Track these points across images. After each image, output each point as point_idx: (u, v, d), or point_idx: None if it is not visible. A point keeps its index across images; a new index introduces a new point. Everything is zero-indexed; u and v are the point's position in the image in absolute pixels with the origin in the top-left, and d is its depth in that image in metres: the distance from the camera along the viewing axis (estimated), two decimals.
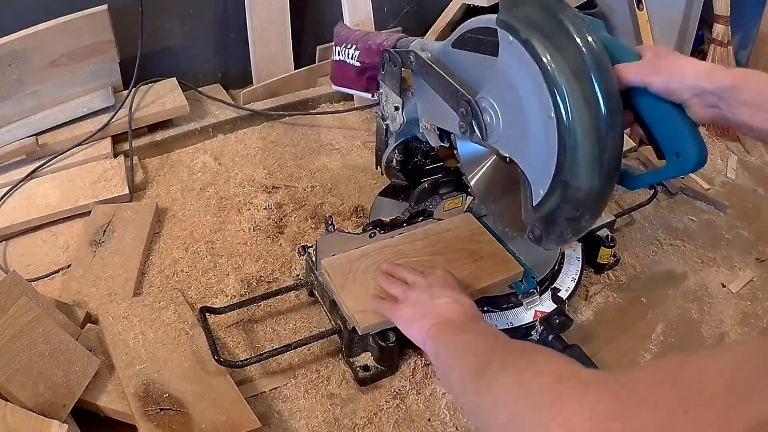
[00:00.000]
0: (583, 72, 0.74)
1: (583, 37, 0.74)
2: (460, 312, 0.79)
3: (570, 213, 0.81)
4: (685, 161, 0.77)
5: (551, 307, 1.01)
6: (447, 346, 0.72)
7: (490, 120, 0.87)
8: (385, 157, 1.17)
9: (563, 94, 0.74)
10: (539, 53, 0.75)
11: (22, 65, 1.29)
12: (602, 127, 0.75)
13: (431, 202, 1.11)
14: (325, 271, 1.00)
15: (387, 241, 1.05)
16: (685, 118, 0.77)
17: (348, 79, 1.20)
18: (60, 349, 0.86)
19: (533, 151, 0.83)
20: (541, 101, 0.77)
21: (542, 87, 0.76)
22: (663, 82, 0.74)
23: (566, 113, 0.75)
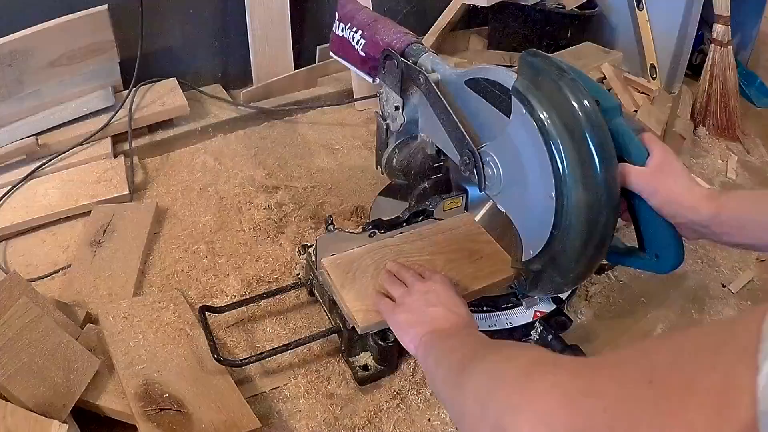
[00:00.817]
0: (590, 165, 0.76)
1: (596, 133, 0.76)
2: (453, 321, 0.81)
3: (554, 278, 0.87)
4: (662, 264, 0.86)
5: (551, 307, 1.01)
6: (434, 353, 0.73)
7: (491, 174, 0.89)
8: (385, 156, 1.16)
9: (567, 180, 0.77)
10: (550, 137, 0.77)
11: (22, 65, 1.29)
12: (600, 218, 0.79)
13: (431, 201, 1.11)
14: (325, 270, 1.00)
15: (387, 240, 1.05)
16: (673, 232, 0.82)
17: (349, 56, 1.17)
18: (60, 349, 0.86)
19: (529, 218, 0.86)
20: (543, 179, 0.80)
21: (547, 167, 0.78)
22: (658, 203, 0.80)
23: (567, 199, 0.78)
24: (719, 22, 1.61)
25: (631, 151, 0.81)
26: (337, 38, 1.18)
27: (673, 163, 0.81)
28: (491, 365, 0.56)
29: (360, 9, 1.16)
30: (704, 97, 1.66)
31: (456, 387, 0.60)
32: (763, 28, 1.88)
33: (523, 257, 0.88)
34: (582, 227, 0.79)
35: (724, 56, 1.63)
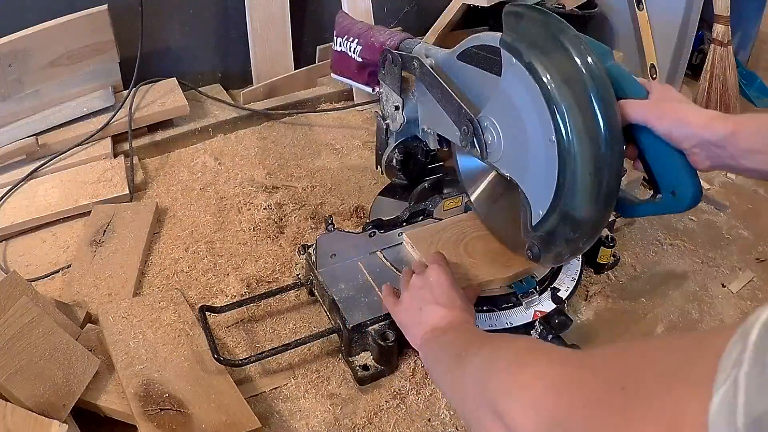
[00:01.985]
0: (586, 99, 0.74)
1: (587, 65, 0.75)
2: (448, 317, 0.81)
3: (568, 234, 0.83)
4: (680, 200, 0.80)
5: (551, 307, 1.01)
6: (434, 350, 0.75)
7: (492, 139, 0.88)
8: (385, 156, 1.17)
9: (564, 118, 0.75)
10: (541, 77, 0.76)
11: (22, 65, 1.29)
12: (602, 154, 0.76)
13: (431, 201, 1.11)
14: (408, 243, 1.06)
15: (463, 215, 1.12)
16: (685, 162, 0.78)
17: (348, 71, 1.19)
18: (60, 349, 0.86)
19: (533, 173, 0.84)
20: (542, 124, 0.78)
21: (544, 110, 0.77)
22: (666, 128, 0.76)
23: (567, 137, 0.76)
24: (719, 22, 1.61)
25: (630, 89, 0.78)
26: (336, 55, 1.20)
27: (675, 92, 0.78)
28: (487, 354, 0.58)
29: (355, 22, 1.19)
30: (704, 97, 1.66)
31: (455, 377, 0.62)
32: (763, 28, 1.88)
33: (533, 220, 0.85)
34: (588, 168, 0.76)
35: (724, 56, 1.63)
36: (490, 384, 0.53)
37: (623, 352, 0.46)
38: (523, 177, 0.86)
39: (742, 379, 0.32)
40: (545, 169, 0.80)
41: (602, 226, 0.84)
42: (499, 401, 0.50)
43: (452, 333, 0.76)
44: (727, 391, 0.32)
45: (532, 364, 0.50)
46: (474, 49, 0.88)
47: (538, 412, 0.46)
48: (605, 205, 0.80)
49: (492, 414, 0.51)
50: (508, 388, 0.50)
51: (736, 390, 0.32)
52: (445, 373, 0.68)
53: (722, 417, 0.32)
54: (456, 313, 0.82)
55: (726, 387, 0.33)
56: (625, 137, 0.78)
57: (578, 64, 0.75)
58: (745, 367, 0.32)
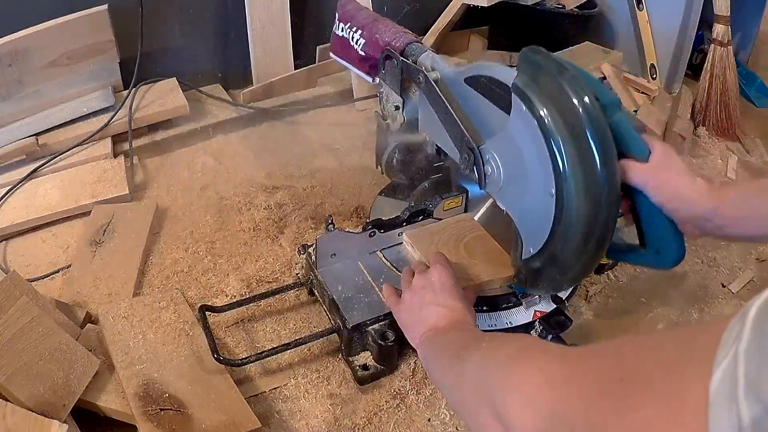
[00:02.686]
0: (591, 161, 0.76)
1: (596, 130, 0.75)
2: (448, 317, 0.82)
3: (553, 275, 0.87)
4: (663, 259, 0.85)
5: (550, 307, 1.01)
6: (433, 350, 0.76)
7: (491, 172, 0.89)
8: (385, 156, 1.16)
9: (567, 177, 0.76)
10: (550, 133, 0.77)
11: (22, 65, 1.29)
12: (600, 214, 0.78)
13: (431, 201, 1.11)
14: (408, 243, 1.06)
15: (462, 215, 1.11)
16: (674, 227, 0.82)
17: (349, 57, 1.18)
18: (60, 349, 0.86)
19: (528, 215, 0.86)
20: (544, 176, 0.79)
21: (547, 164, 0.78)
22: (661, 199, 0.80)
23: (568, 196, 0.78)
24: (719, 22, 1.61)
25: (632, 147, 0.80)
26: (337, 38, 1.18)
27: (675, 159, 0.81)
28: (484, 353, 0.58)
29: (360, 9, 1.16)
30: (704, 97, 1.66)
31: (454, 376, 0.63)
32: (763, 28, 1.88)
33: (523, 255, 0.88)
34: (582, 225, 0.78)
35: (724, 56, 1.63)
36: (488, 382, 0.54)
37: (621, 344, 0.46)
38: (518, 216, 0.89)
39: (742, 353, 0.33)
40: (541, 215, 0.82)
41: (588, 273, 0.89)
42: (498, 398, 0.50)
43: (451, 333, 0.77)
44: (727, 365, 0.33)
45: (530, 361, 0.50)
46: (483, 79, 0.88)
47: (537, 407, 0.46)
48: (593, 255, 0.83)
49: (491, 412, 0.51)
50: (506, 384, 0.50)
51: (737, 364, 0.33)
52: (443, 372, 0.69)
53: (724, 390, 0.33)
54: (456, 314, 0.83)
55: (726, 362, 0.33)
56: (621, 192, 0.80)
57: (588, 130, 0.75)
58: (744, 342, 0.33)
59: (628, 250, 0.90)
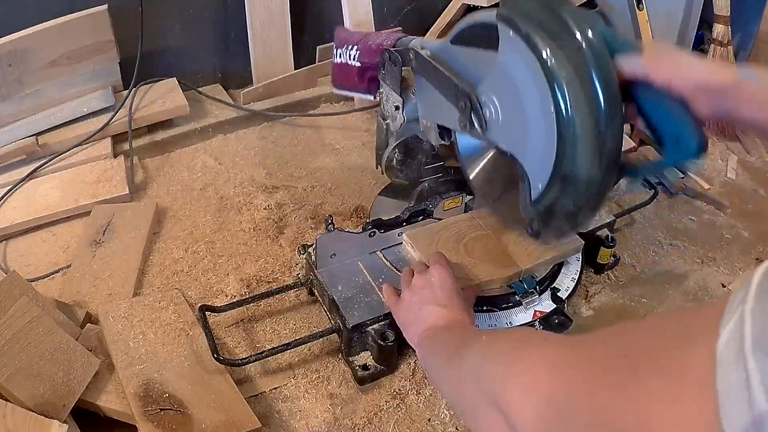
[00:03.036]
0: (583, 66, 0.73)
1: (583, 32, 0.74)
2: (447, 316, 0.82)
3: (568, 207, 0.81)
4: (684, 149, 0.76)
5: (551, 307, 1.01)
6: (431, 348, 0.76)
7: (490, 114, 0.87)
8: (385, 156, 1.16)
9: (563, 88, 0.74)
10: (539, 47, 0.75)
11: (22, 65, 1.29)
12: (601, 120, 0.74)
13: (431, 201, 1.11)
14: (408, 243, 1.05)
15: (462, 215, 1.11)
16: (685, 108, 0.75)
17: (349, 81, 1.19)
18: (60, 349, 0.86)
19: (533, 146, 0.82)
20: (540, 95, 0.77)
21: (542, 81, 0.76)
22: (665, 77, 0.73)
23: (566, 107, 0.74)
24: (719, 22, 1.61)
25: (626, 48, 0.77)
26: (337, 67, 1.20)
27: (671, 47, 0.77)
28: (484, 345, 0.58)
29: (353, 33, 1.19)
30: None
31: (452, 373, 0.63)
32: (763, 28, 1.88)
33: (533, 195, 0.84)
34: (586, 135, 0.75)
35: (724, 56, 1.63)
36: (488, 373, 0.53)
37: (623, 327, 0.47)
38: (523, 150, 0.84)
39: (748, 312, 0.34)
40: (544, 140, 0.78)
41: (605, 195, 0.82)
42: (498, 388, 0.50)
43: (449, 331, 0.77)
44: (733, 326, 0.34)
45: (531, 350, 0.50)
46: (468, 30, 0.88)
47: (539, 393, 0.45)
48: (607, 169, 0.77)
49: (491, 403, 0.50)
50: (506, 374, 0.50)
51: (743, 323, 0.33)
52: (441, 368, 0.69)
53: (731, 349, 0.34)
54: (455, 314, 0.83)
55: (732, 323, 0.34)
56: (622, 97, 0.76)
57: (576, 35, 0.74)
58: (749, 303, 0.34)
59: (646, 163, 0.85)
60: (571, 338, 0.50)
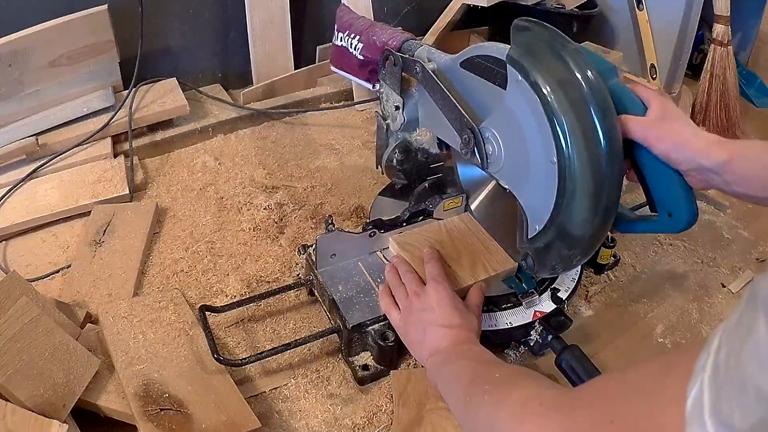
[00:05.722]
0: (590, 122, 0.75)
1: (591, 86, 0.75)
2: (450, 336, 0.84)
3: (562, 251, 0.84)
4: (675, 222, 0.81)
5: (551, 307, 1.01)
6: (440, 378, 0.80)
7: (492, 150, 0.88)
8: (385, 156, 1.16)
9: (568, 142, 0.75)
10: (547, 98, 0.76)
11: (22, 65, 1.29)
12: (603, 178, 0.77)
13: (431, 201, 1.11)
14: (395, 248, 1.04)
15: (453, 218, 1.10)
16: (682, 183, 0.79)
17: (349, 66, 1.18)
18: (60, 349, 0.86)
19: (532, 189, 0.84)
20: (544, 144, 0.78)
21: (547, 130, 0.77)
22: (664, 150, 0.77)
23: (569, 160, 0.76)
24: (719, 22, 1.61)
25: (629, 106, 0.79)
26: (337, 49, 1.19)
27: (675, 111, 0.79)
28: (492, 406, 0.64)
29: (357, 17, 1.18)
30: (704, 97, 1.66)
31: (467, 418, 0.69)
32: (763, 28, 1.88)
33: (529, 234, 0.86)
34: (587, 190, 0.76)
35: (724, 56, 1.63)
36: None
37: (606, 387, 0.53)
38: (522, 191, 0.87)
39: (706, 381, 0.39)
40: (544, 186, 0.80)
41: (598, 244, 0.86)
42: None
43: (454, 362, 0.79)
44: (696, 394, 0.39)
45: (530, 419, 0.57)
46: (478, 59, 0.88)
47: None
48: (602, 223, 0.81)
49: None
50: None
51: (702, 392, 0.38)
52: (454, 409, 0.75)
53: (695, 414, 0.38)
54: (455, 332, 0.85)
55: (695, 390, 0.39)
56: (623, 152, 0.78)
57: (583, 87, 0.75)
58: (708, 371, 0.39)
59: (639, 220, 0.87)
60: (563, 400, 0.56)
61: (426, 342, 0.86)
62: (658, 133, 0.77)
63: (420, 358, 0.88)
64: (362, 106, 1.64)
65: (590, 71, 0.76)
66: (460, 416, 0.73)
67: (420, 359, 0.88)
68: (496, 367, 0.74)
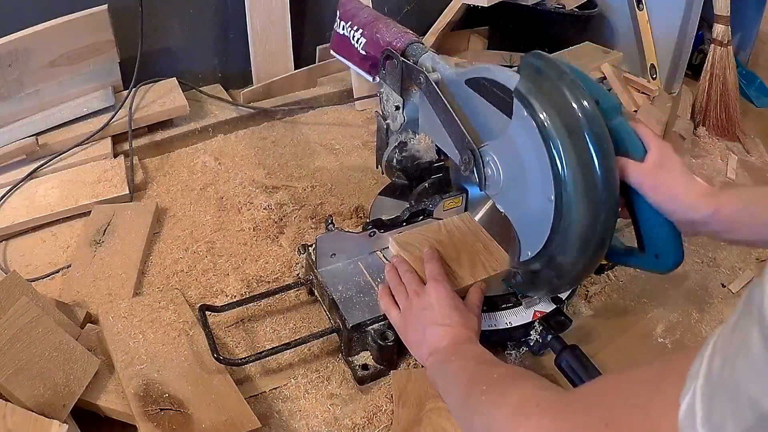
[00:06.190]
0: (590, 168, 0.76)
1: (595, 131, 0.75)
2: (450, 334, 0.85)
3: (551, 279, 0.87)
4: (662, 263, 0.85)
5: (550, 307, 1.01)
6: (439, 377, 0.80)
7: (491, 174, 0.89)
8: (385, 156, 1.16)
9: (567, 184, 0.77)
10: (551, 139, 0.77)
11: (22, 65, 1.29)
12: (599, 219, 0.78)
13: (431, 201, 1.11)
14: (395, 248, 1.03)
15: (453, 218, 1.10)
16: (672, 229, 0.82)
17: (350, 55, 1.17)
18: (60, 349, 0.86)
19: (527, 219, 0.86)
20: (543, 181, 0.79)
21: (547, 170, 0.78)
22: (658, 200, 0.80)
23: (566, 202, 0.78)
24: (719, 22, 1.61)
25: (630, 147, 0.81)
26: (338, 36, 1.18)
27: (672, 159, 0.81)
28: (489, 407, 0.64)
29: (361, 8, 1.16)
30: (704, 97, 1.66)
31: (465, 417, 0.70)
32: (763, 28, 1.88)
33: (521, 257, 0.88)
34: (581, 231, 0.79)
35: (724, 56, 1.63)
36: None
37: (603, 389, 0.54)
38: (516, 219, 0.88)
39: (698, 389, 0.39)
40: (539, 220, 0.82)
41: (586, 277, 0.89)
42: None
43: (453, 362, 0.79)
44: (688, 401, 0.39)
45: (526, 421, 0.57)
46: (485, 81, 0.88)
47: None
48: (592, 260, 0.83)
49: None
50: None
51: (694, 399, 0.39)
52: (453, 408, 0.76)
53: (687, 422, 0.39)
54: (455, 330, 0.85)
55: (688, 397, 0.39)
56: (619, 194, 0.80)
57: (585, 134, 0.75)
58: (700, 379, 0.39)
59: (628, 253, 0.90)
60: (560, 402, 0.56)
61: (426, 341, 0.86)
62: (654, 183, 0.79)
63: (420, 357, 0.88)
64: (362, 105, 1.64)
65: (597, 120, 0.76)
66: (459, 416, 0.74)
67: (420, 358, 0.88)
68: (495, 368, 0.74)
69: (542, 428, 0.55)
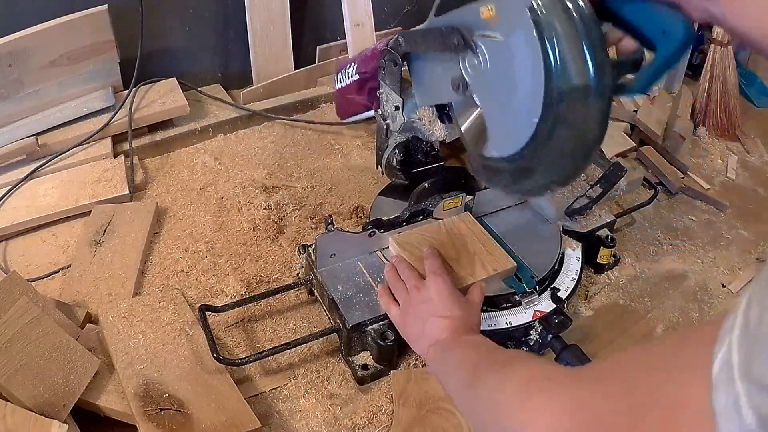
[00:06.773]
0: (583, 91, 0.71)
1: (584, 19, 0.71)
2: (450, 326, 0.83)
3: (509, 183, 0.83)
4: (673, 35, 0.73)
5: (550, 307, 1.01)
6: (440, 366, 0.78)
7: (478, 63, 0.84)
8: (385, 156, 1.17)
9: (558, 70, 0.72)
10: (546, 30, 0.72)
11: (22, 65, 1.29)
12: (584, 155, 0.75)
13: (431, 201, 1.11)
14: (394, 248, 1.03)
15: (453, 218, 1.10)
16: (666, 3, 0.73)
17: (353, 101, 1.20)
18: (60, 349, 0.86)
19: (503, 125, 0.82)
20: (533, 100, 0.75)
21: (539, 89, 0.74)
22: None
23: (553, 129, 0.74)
24: None
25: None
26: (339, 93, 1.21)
27: None
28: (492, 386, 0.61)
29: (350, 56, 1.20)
30: (704, 97, 1.66)
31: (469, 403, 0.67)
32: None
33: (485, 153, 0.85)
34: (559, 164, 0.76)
35: (724, 56, 1.63)
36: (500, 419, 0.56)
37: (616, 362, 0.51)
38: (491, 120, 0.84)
39: (734, 341, 0.37)
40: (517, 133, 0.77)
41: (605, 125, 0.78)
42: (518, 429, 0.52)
43: (455, 349, 0.78)
44: (723, 356, 0.37)
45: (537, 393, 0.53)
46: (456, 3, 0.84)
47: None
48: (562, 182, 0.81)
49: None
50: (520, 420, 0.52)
51: (730, 352, 0.37)
52: (456, 394, 0.72)
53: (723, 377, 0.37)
54: (456, 322, 0.84)
55: (723, 352, 0.38)
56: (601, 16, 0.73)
57: None
58: (737, 331, 0.37)
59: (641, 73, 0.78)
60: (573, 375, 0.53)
61: (426, 333, 0.85)
62: None
63: (420, 350, 0.87)
64: None
65: None
66: (462, 401, 0.71)
67: (420, 352, 0.87)
68: (499, 353, 0.72)
69: (554, 399, 0.50)
